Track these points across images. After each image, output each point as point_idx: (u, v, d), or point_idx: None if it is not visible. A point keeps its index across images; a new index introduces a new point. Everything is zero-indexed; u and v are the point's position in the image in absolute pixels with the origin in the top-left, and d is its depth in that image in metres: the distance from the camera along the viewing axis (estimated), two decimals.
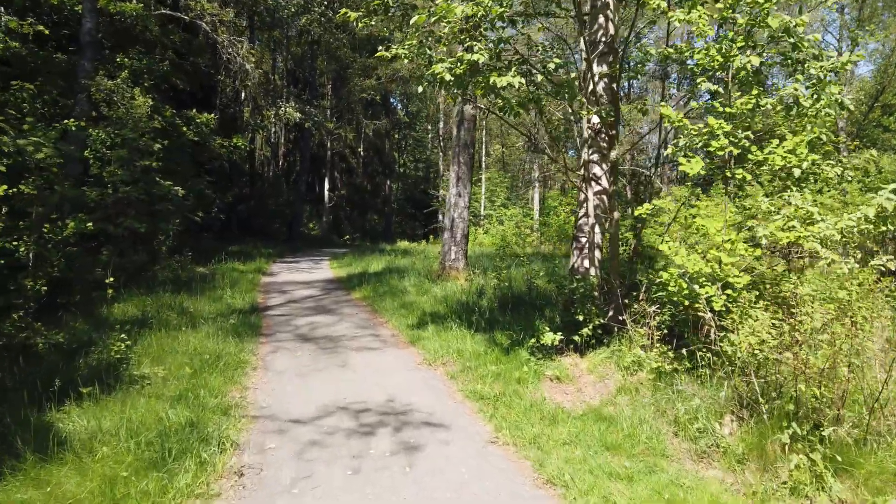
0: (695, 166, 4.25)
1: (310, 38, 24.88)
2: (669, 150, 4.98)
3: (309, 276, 13.75)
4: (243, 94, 19.67)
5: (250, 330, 7.58)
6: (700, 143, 4.44)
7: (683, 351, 5.28)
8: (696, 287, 4.28)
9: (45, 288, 7.53)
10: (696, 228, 4.73)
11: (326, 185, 31.58)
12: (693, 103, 5.36)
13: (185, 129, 13.65)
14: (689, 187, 6.81)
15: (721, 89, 4.95)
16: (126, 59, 12.49)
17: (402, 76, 29.20)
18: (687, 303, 4.55)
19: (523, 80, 5.13)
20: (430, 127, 41.86)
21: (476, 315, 7.98)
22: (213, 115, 13.81)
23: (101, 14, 13.07)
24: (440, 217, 36.07)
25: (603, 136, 6.60)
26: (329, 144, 31.16)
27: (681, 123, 4.54)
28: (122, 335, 5.89)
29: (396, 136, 41.37)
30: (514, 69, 5.03)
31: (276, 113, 20.88)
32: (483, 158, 37.09)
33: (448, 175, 12.10)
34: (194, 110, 13.74)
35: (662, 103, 4.65)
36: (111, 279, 8.32)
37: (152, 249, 11.24)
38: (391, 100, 36.25)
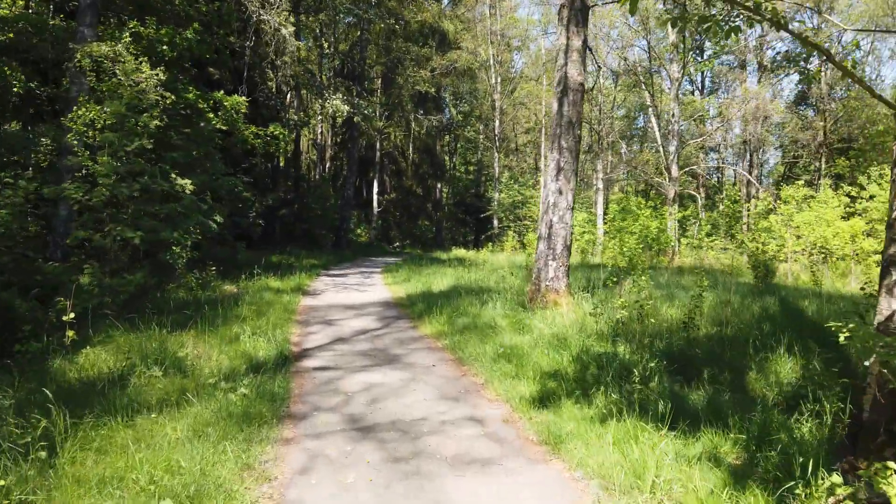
0: None
1: (360, 27, 22.10)
2: None
3: (360, 297, 10.66)
4: (283, 84, 16.89)
5: (270, 409, 4.43)
6: None
7: None
8: None
9: None
10: None
11: (375, 189, 28.74)
12: None
13: (210, 115, 10.84)
14: None
15: None
16: (140, 27, 9.73)
17: (457, 68, 26.12)
18: None
19: None
20: (481, 127, 38.63)
21: (637, 383, 4.61)
22: (244, 97, 10.95)
23: None
24: (495, 223, 32.68)
25: None
26: (378, 145, 28.34)
27: None
28: None
29: (448, 137, 38.33)
30: None
31: (321, 105, 18.11)
32: (544, 158, 33.55)
33: (546, 164, 8.79)
34: (221, 92, 10.92)
35: None
36: (71, 316, 5.36)
37: (159, 265, 8.36)
38: (441, 97, 33.15)
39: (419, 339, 7.25)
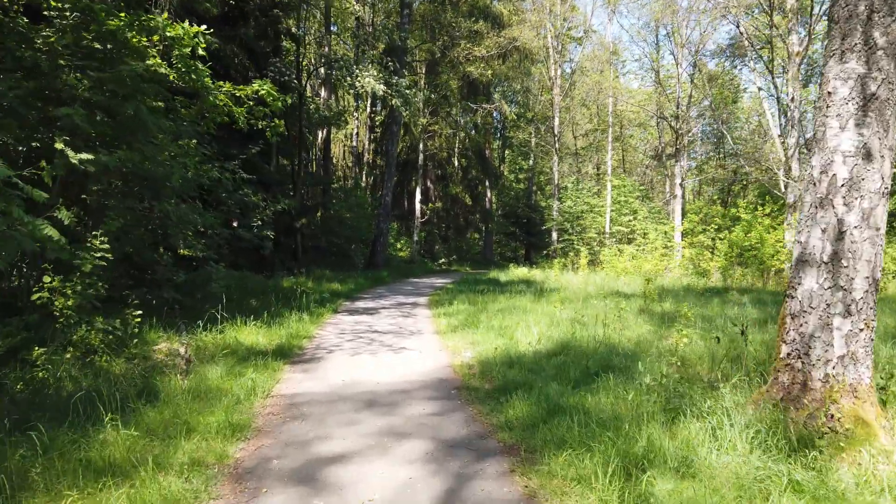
0: None
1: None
2: None
3: (394, 367, 5.69)
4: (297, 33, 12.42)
5: None
6: None
7: None
8: None
9: None
10: None
11: (418, 196, 24.03)
12: None
13: (157, 60, 6.31)
14: None
15: None
16: None
17: (511, 53, 21.22)
18: None
19: None
20: (532, 130, 33.57)
21: None
22: (203, 27, 6.33)
23: None
24: (554, 236, 27.33)
25: None
26: (422, 146, 23.68)
27: None
28: None
29: (496, 143, 33.48)
30: None
31: (351, 84, 13.58)
32: (609, 160, 28.25)
33: (828, 92, 3.66)
34: (165, 15, 6.37)
35: None
36: None
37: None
38: (492, 93, 28.25)
39: None
